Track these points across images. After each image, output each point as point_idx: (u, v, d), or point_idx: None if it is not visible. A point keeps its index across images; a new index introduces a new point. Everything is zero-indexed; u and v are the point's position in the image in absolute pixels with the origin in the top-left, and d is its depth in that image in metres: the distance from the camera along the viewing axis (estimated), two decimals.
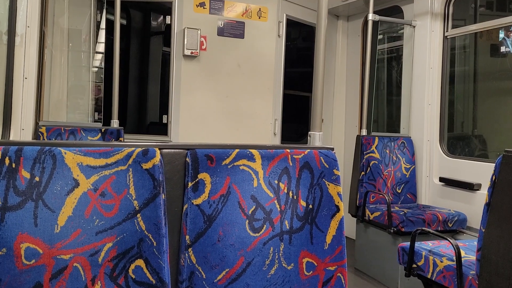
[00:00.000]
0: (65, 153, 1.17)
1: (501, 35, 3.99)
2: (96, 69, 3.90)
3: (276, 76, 4.27)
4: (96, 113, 3.83)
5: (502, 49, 4.02)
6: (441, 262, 2.26)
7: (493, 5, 4.30)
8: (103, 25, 3.92)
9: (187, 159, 1.31)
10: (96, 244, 1.17)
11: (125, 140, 3.39)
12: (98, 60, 3.92)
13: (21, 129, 2.82)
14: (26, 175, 1.13)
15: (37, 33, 2.96)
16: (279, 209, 1.39)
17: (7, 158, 1.13)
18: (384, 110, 4.93)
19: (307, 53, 4.86)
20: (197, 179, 1.30)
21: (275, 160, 1.40)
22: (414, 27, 4.05)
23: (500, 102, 4.34)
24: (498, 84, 4.33)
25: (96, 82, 3.86)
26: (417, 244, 2.45)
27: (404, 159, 3.92)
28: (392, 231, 3.33)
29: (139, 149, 1.22)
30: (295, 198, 1.41)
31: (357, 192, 3.79)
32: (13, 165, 1.13)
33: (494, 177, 1.87)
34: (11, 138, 2.73)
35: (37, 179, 1.14)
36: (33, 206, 1.13)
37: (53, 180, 1.15)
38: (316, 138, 1.61)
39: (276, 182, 1.39)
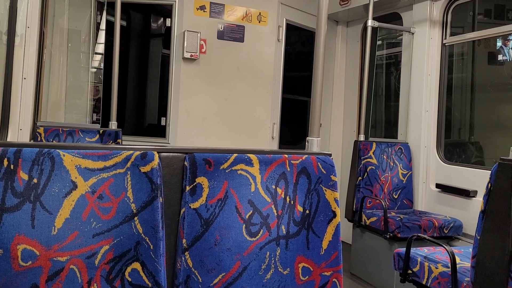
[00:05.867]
0: (64, 155, 1.17)
1: (499, 43, 4.01)
2: (95, 69, 3.89)
3: (275, 80, 4.28)
4: (95, 114, 3.82)
5: (500, 57, 4.05)
6: (436, 268, 2.27)
7: (491, 13, 4.33)
8: (103, 26, 3.92)
9: (185, 163, 1.31)
10: (93, 247, 1.17)
11: (123, 142, 3.38)
12: (97, 61, 3.92)
13: (19, 129, 2.82)
14: (24, 176, 1.13)
15: (37, 33, 2.96)
16: (276, 214, 1.40)
17: (5, 159, 1.13)
18: (382, 116, 4.95)
19: (306, 57, 4.87)
20: (195, 183, 1.30)
21: (273, 165, 1.41)
22: (413, 34, 4.07)
23: (496, 110, 4.36)
24: (495, 92, 4.35)
25: (94, 82, 3.85)
26: (412, 250, 2.46)
27: (401, 165, 3.93)
28: (388, 236, 3.33)
29: (137, 152, 1.23)
30: (292, 203, 1.42)
31: (354, 197, 3.80)
32: (12, 167, 1.13)
33: (489, 185, 1.88)
34: (8, 138, 2.72)
35: (35, 180, 1.14)
36: (31, 207, 1.13)
37: (51, 182, 1.15)
38: (314, 143, 1.62)
39: (273, 187, 1.40)
